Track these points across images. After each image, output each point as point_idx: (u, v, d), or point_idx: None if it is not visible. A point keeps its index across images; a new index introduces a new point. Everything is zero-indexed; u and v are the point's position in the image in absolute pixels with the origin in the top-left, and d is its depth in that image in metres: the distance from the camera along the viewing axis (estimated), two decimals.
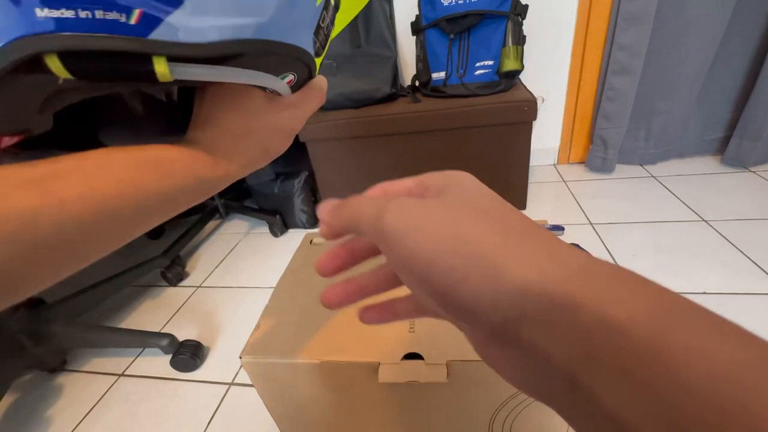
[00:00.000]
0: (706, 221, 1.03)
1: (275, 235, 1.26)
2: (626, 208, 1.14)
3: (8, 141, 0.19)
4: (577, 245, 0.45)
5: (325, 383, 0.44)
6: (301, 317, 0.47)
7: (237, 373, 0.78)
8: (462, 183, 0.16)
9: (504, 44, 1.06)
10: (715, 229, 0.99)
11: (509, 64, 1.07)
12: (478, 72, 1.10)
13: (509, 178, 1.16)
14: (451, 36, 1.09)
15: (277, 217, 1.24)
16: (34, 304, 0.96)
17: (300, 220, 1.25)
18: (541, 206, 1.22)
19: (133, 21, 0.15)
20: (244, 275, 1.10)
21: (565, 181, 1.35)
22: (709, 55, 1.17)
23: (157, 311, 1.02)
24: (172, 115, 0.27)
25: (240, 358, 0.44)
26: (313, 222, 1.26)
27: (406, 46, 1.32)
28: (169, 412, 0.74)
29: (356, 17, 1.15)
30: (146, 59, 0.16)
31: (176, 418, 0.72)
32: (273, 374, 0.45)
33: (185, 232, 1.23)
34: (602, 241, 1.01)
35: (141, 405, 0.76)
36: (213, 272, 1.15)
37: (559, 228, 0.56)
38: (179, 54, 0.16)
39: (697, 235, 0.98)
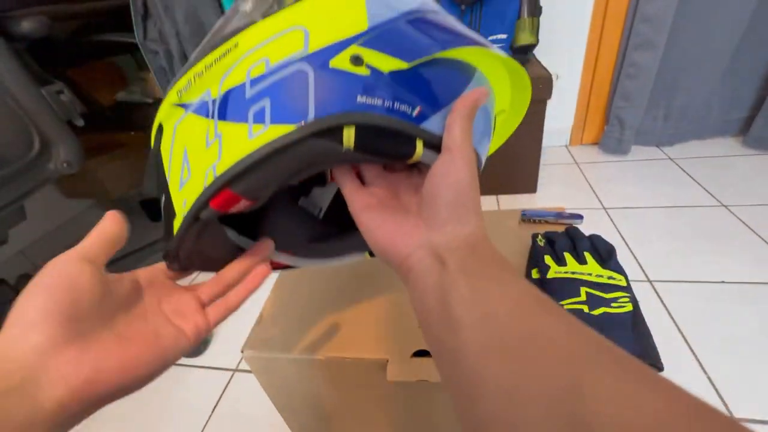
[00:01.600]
0: (725, 206, 0.98)
1: None
2: (641, 192, 1.10)
3: (241, 206, 0.22)
4: (598, 236, 0.41)
5: (330, 380, 0.42)
6: (304, 310, 0.45)
7: (241, 360, 0.77)
8: None
9: (519, 16, 0.99)
10: (735, 215, 0.95)
11: (524, 38, 1.00)
12: None
13: (520, 161, 1.11)
14: (462, 7, 1.01)
15: None
16: None
17: None
18: (552, 190, 1.17)
19: (414, 113, 0.22)
20: None
21: (577, 163, 1.30)
22: (738, 30, 1.09)
23: None
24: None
25: (242, 351, 0.42)
26: None
27: None
28: (175, 397, 0.73)
29: None
30: (412, 141, 0.22)
31: (182, 403, 0.72)
32: (276, 369, 0.43)
33: None
34: (616, 227, 0.97)
35: (147, 390, 0.75)
36: None
37: (578, 216, 0.52)
38: (430, 141, 0.22)
39: (715, 221, 0.94)
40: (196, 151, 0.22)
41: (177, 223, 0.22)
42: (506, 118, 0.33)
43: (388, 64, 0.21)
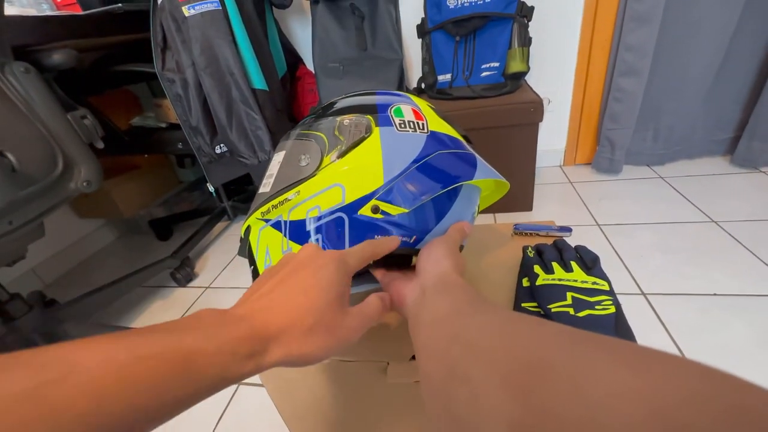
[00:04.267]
0: (715, 222, 1.02)
1: None
2: (634, 209, 1.13)
3: None
4: (583, 247, 0.44)
5: (333, 383, 0.44)
6: None
7: None
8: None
9: (510, 46, 1.06)
10: (725, 230, 0.98)
11: (515, 66, 1.07)
12: (483, 74, 1.11)
13: (515, 180, 1.14)
14: (457, 38, 1.09)
15: None
16: (47, 304, 0.98)
17: None
18: (547, 208, 1.21)
19: (411, 240, 0.35)
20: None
21: (571, 183, 1.34)
22: (718, 55, 1.16)
23: (167, 311, 1.03)
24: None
25: None
26: None
27: (412, 48, 1.33)
28: None
29: (363, 20, 1.16)
30: (412, 256, 0.37)
31: (186, 416, 0.73)
32: (281, 373, 0.45)
33: (194, 233, 1.24)
34: (610, 243, 1.00)
35: None
36: (221, 273, 1.16)
37: (567, 229, 0.56)
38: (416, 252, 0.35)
39: (706, 236, 0.97)
40: (275, 252, 0.35)
41: None
42: (488, 195, 0.47)
43: (395, 210, 0.34)
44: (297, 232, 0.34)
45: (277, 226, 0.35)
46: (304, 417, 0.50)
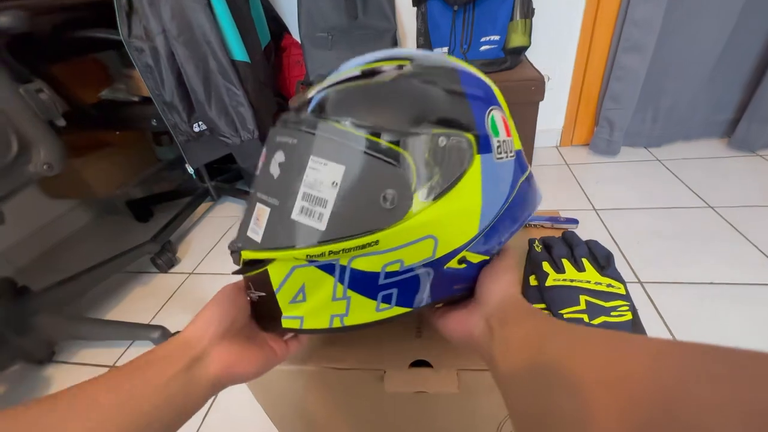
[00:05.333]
0: (712, 207, 1.00)
1: None
2: (630, 193, 1.11)
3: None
4: (595, 242, 0.41)
5: (326, 391, 0.41)
6: None
7: None
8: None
9: (512, 17, 0.99)
10: (722, 216, 0.97)
11: (516, 40, 1.00)
12: (483, 48, 1.04)
13: None
14: (455, 8, 1.01)
15: None
16: (19, 292, 0.92)
17: None
18: (542, 191, 1.17)
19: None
20: None
21: (568, 164, 1.31)
22: (723, 34, 1.11)
23: (147, 299, 0.98)
24: None
25: None
26: None
27: (407, 17, 1.24)
28: None
29: None
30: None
31: None
32: (270, 381, 0.42)
33: (175, 215, 1.18)
34: (606, 228, 0.98)
35: None
36: (205, 258, 1.11)
37: (573, 221, 0.53)
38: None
39: (702, 222, 0.96)
40: (319, 296, 0.28)
41: (285, 322, 0.29)
42: None
43: (477, 258, 0.30)
44: (363, 283, 0.27)
45: (328, 269, 0.27)
46: (294, 424, 0.47)
